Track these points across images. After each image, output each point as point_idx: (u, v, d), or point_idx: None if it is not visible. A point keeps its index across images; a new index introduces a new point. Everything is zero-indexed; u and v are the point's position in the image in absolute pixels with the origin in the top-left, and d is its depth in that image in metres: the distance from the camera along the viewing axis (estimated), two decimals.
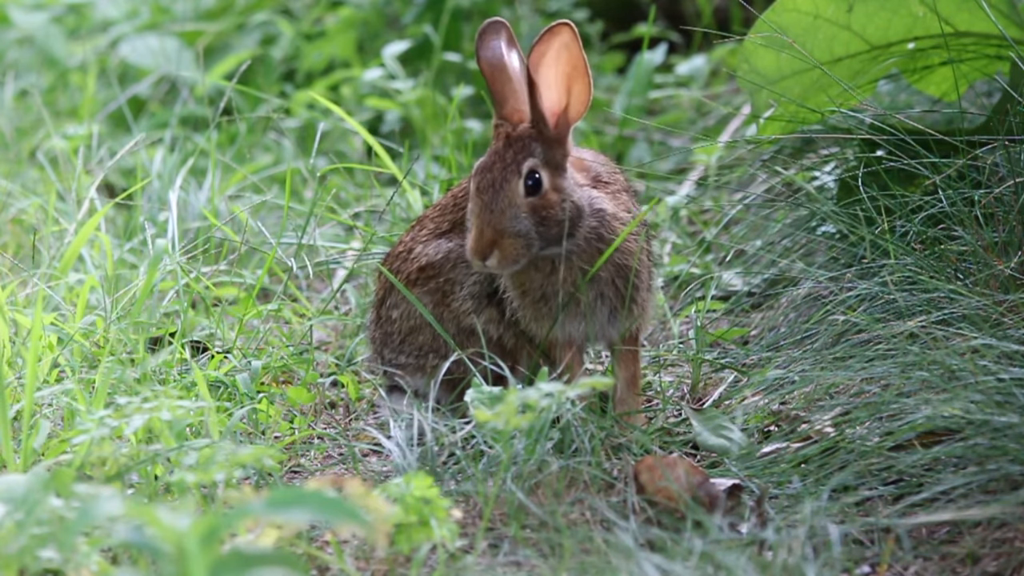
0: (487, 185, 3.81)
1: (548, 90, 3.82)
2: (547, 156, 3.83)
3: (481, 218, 3.79)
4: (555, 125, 3.85)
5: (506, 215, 3.79)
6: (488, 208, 3.79)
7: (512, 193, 3.80)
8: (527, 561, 3.39)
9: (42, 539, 3.09)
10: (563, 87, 3.83)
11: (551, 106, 3.84)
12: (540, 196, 3.82)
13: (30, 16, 7.32)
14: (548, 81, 3.82)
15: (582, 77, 3.82)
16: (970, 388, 3.55)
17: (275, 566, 2.71)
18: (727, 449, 3.86)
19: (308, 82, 6.58)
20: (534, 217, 3.81)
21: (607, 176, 3.99)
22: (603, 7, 6.98)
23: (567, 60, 3.81)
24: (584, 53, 3.81)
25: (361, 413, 4.26)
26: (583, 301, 3.88)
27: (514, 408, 3.44)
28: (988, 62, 4.50)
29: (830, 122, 4.53)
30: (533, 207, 3.81)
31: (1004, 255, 4.06)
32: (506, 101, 3.87)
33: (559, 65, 3.81)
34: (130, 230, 5.08)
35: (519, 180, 3.81)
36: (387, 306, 4.09)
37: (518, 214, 3.80)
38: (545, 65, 3.80)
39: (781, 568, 3.25)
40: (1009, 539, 3.37)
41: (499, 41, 3.88)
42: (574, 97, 3.84)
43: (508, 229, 3.79)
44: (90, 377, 4.00)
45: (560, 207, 3.83)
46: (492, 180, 3.81)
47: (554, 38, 3.79)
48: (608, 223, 3.89)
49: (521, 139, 3.83)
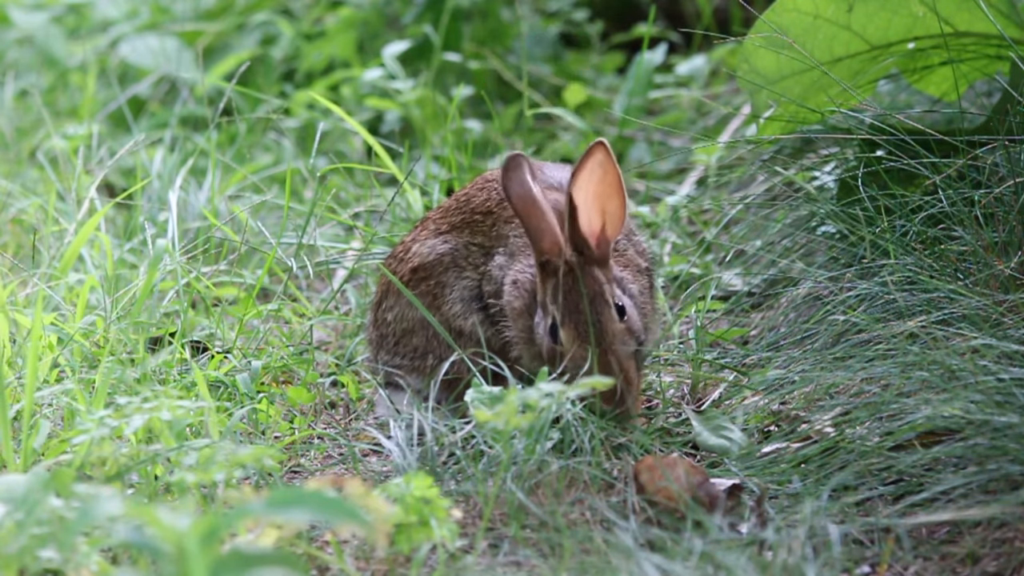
0: (585, 329, 3.75)
1: (585, 213, 3.79)
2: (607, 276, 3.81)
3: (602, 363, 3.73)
4: (597, 246, 3.81)
5: (615, 348, 3.76)
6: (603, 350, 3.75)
7: (612, 323, 3.77)
8: (527, 561, 3.39)
9: (42, 539, 3.09)
10: (597, 208, 3.80)
11: (590, 228, 3.80)
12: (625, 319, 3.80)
13: (30, 16, 7.32)
14: (585, 203, 3.78)
15: (616, 195, 3.79)
16: (970, 388, 3.55)
17: (275, 566, 2.71)
18: (727, 449, 3.86)
19: (308, 82, 6.58)
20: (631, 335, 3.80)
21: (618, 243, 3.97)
22: (603, 7, 6.98)
23: (601, 178, 3.77)
24: (619, 170, 3.79)
25: (361, 413, 4.26)
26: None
27: (514, 408, 3.44)
28: (988, 62, 4.50)
29: (830, 122, 4.53)
30: (625, 331, 3.79)
31: (1004, 255, 4.06)
32: (544, 236, 3.81)
33: (591, 184, 3.78)
34: (130, 230, 5.08)
35: (611, 310, 3.78)
36: (383, 308, 4.10)
37: (624, 339, 3.78)
38: (579, 186, 3.77)
39: (781, 568, 3.25)
40: (1009, 539, 3.37)
41: (524, 175, 3.82)
42: (609, 216, 3.81)
43: (623, 355, 3.77)
44: (90, 377, 4.00)
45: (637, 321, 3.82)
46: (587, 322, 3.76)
47: (590, 158, 3.75)
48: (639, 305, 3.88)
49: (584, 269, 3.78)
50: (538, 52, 6.61)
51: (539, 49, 6.64)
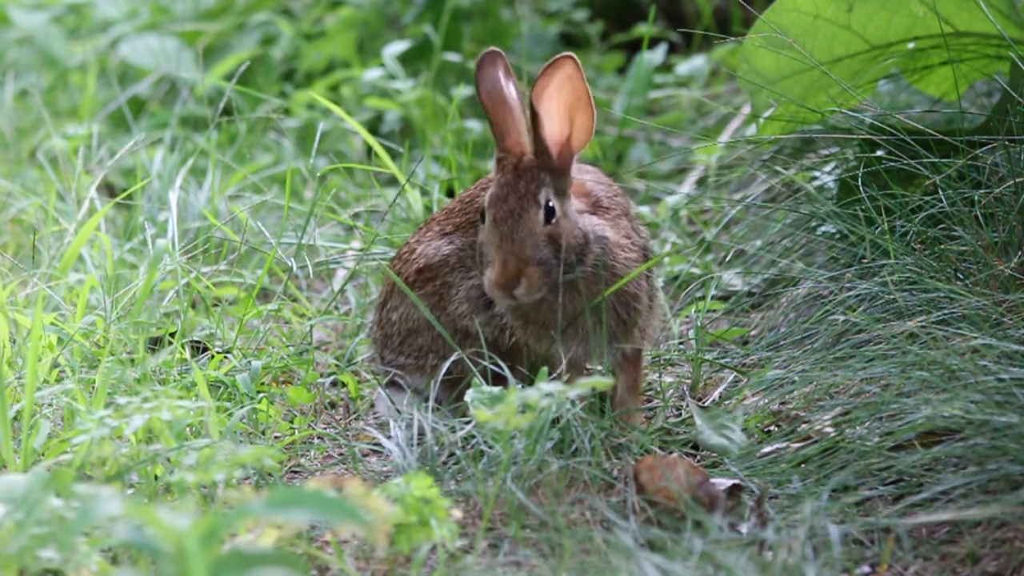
0: (505, 216, 3.80)
1: (551, 121, 3.83)
2: (556, 185, 3.84)
3: (503, 249, 3.79)
4: (559, 155, 3.85)
5: (528, 244, 3.79)
6: (509, 238, 3.79)
7: (532, 222, 3.80)
8: (527, 561, 3.39)
9: (42, 539, 3.09)
10: (566, 118, 3.84)
11: (554, 137, 3.84)
12: (555, 225, 3.82)
13: (30, 16, 7.32)
14: (551, 112, 3.82)
15: (585, 108, 3.83)
16: (970, 388, 3.55)
17: (275, 566, 2.71)
18: (727, 449, 3.86)
19: (308, 82, 6.58)
20: (552, 246, 3.81)
21: (607, 201, 4.00)
22: (603, 7, 6.98)
23: (570, 91, 3.82)
24: (587, 85, 3.82)
25: (361, 413, 4.26)
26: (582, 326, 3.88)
27: (514, 408, 3.44)
28: (988, 62, 4.50)
29: (830, 122, 4.53)
30: (551, 235, 3.81)
31: (1004, 255, 4.06)
32: (508, 134, 3.88)
33: (562, 96, 3.82)
34: (130, 230, 5.08)
35: (537, 209, 3.81)
36: (387, 308, 4.10)
37: (538, 243, 3.80)
38: (548, 97, 3.81)
39: (781, 568, 3.25)
40: (1009, 539, 3.37)
41: (497, 72, 3.90)
42: (577, 128, 3.85)
43: (532, 258, 3.79)
44: (90, 377, 4.00)
45: (571, 235, 3.83)
46: (510, 210, 3.80)
47: (557, 70, 3.80)
48: (611, 251, 3.90)
49: (530, 169, 3.83)
50: (538, 52, 6.61)
51: (539, 49, 6.64)
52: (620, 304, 3.91)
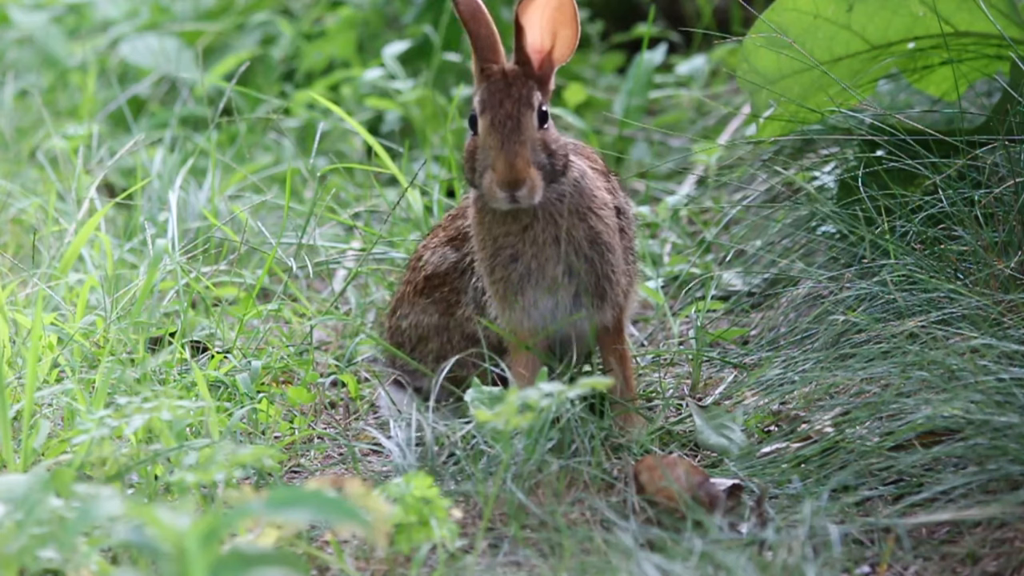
0: (504, 118, 3.80)
1: (533, 31, 3.85)
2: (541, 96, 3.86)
3: (507, 150, 3.77)
4: (540, 66, 3.87)
5: (528, 147, 3.79)
6: (511, 139, 3.78)
7: (529, 126, 3.80)
8: (527, 561, 3.39)
9: (42, 539, 3.09)
10: (549, 30, 3.85)
11: (536, 47, 3.86)
12: (546, 131, 3.83)
13: (30, 16, 7.32)
14: (534, 23, 3.84)
15: (569, 22, 3.85)
16: (970, 388, 3.55)
17: (275, 566, 2.71)
18: (727, 449, 3.86)
19: (308, 82, 6.58)
20: (546, 151, 3.82)
21: (586, 151, 4.01)
22: (603, 7, 6.98)
23: (557, 5, 3.84)
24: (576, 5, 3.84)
25: (361, 413, 4.26)
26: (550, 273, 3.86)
27: (514, 408, 3.44)
28: (988, 62, 4.50)
29: (830, 122, 4.52)
30: (544, 140, 3.82)
31: (1004, 255, 4.06)
32: (487, 44, 3.88)
33: (547, 10, 3.84)
34: (130, 230, 5.08)
35: (532, 112, 3.82)
36: (397, 316, 4.11)
37: (536, 147, 3.81)
38: (533, 8, 3.83)
39: (781, 568, 3.25)
40: (1009, 539, 3.37)
41: None
42: (560, 40, 3.87)
43: (534, 160, 3.79)
44: (90, 377, 4.00)
45: (557, 143, 3.84)
46: (507, 113, 3.80)
47: None
48: (587, 181, 3.89)
49: (519, 77, 3.85)
50: None
51: None
52: (594, 248, 3.89)
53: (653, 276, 4.82)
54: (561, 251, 3.85)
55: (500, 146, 3.78)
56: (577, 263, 3.87)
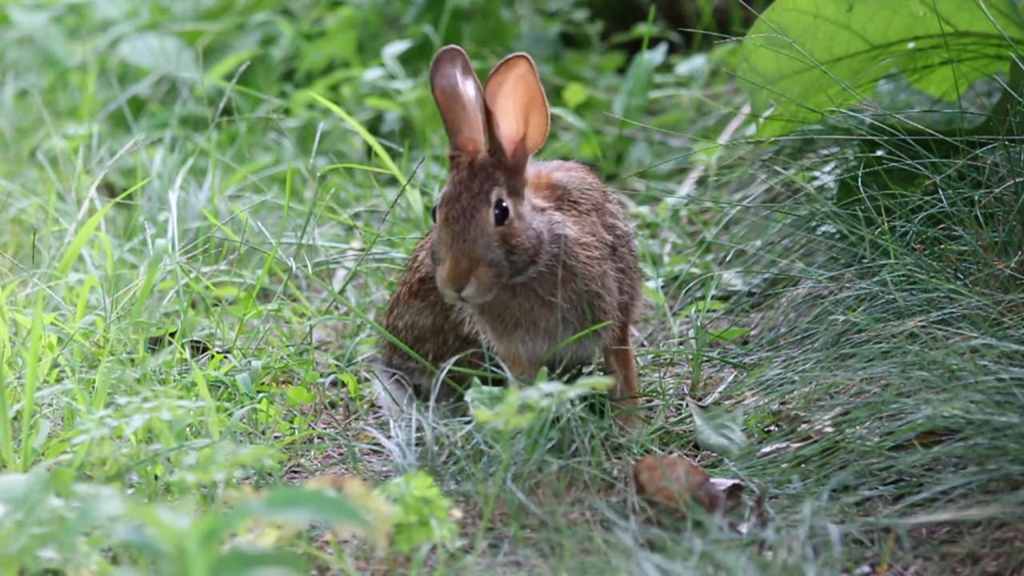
0: (457, 215, 3.78)
1: (506, 119, 3.81)
2: (509, 185, 3.82)
3: (455, 248, 3.77)
4: (513, 154, 3.83)
5: (479, 244, 3.77)
6: (461, 237, 3.77)
7: (483, 222, 3.78)
8: (527, 561, 3.39)
9: (42, 539, 3.09)
10: (521, 117, 3.82)
11: (509, 135, 3.82)
12: (507, 225, 3.80)
13: (30, 16, 7.32)
14: (506, 111, 3.80)
15: (540, 108, 3.81)
16: (970, 388, 3.55)
17: (275, 566, 2.71)
18: (727, 449, 3.86)
19: (308, 82, 6.58)
20: (504, 246, 3.79)
21: (577, 194, 3.97)
22: (603, 7, 6.98)
23: (524, 91, 3.80)
24: (540, 85, 3.80)
25: (361, 413, 4.26)
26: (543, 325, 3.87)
27: (514, 408, 3.44)
28: (988, 62, 4.50)
29: (830, 122, 4.52)
30: (503, 236, 3.79)
31: (1004, 255, 4.06)
32: (460, 130, 3.85)
33: (516, 95, 3.80)
34: (130, 230, 5.08)
35: (489, 209, 3.79)
36: (394, 316, 4.11)
37: (490, 243, 3.77)
38: (503, 95, 3.79)
39: (781, 568, 3.25)
40: (1009, 539, 3.36)
41: (454, 70, 3.86)
42: (531, 127, 3.83)
43: (482, 258, 3.77)
44: (90, 377, 4.00)
45: (524, 235, 3.81)
46: (462, 209, 3.78)
47: (511, 70, 3.78)
48: (570, 249, 3.87)
49: (484, 168, 3.81)
50: (538, 52, 6.61)
51: (539, 49, 6.64)
52: (582, 300, 3.88)
53: (653, 276, 4.82)
54: (552, 308, 3.86)
55: (450, 243, 3.77)
56: (569, 312, 3.88)
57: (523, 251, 3.81)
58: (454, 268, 3.76)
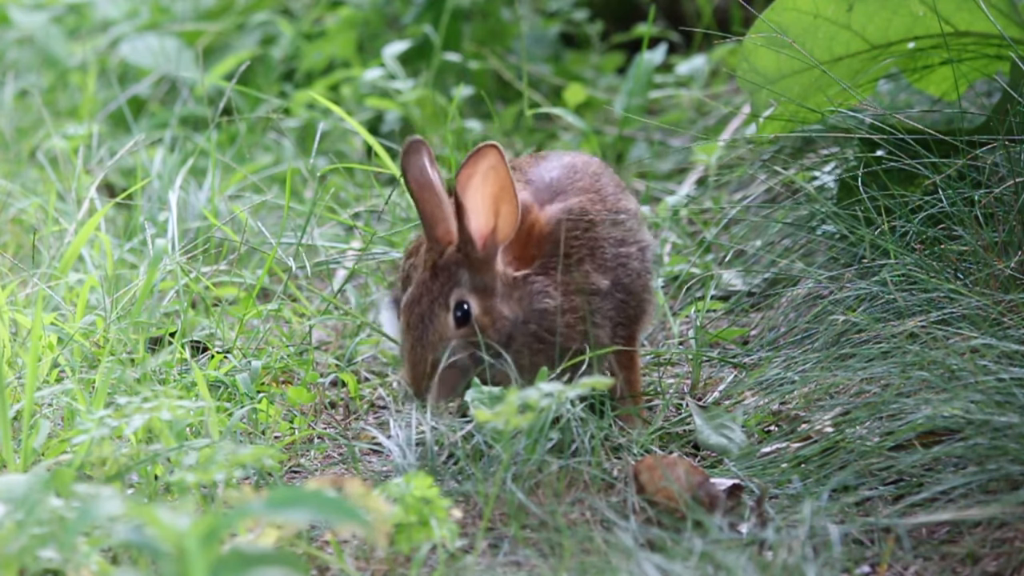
0: (416, 321, 3.77)
1: (475, 214, 3.76)
2: (475, 282, 3.79)
3: (414, 354, 3.76)
4: (483, 247, 3.79)
5: (438, 349, 3.76)
6: (420, 343, 3.76)
7: (442, 328, 3.77)
8: (527, 561, 3.39)
9: (42, 539, 3.09)
10: (491, 210, 3.78)
11: (479, 228, 3.78)
12: (470, 326, 3.78)
13: (30, 16, 7.32)
14: (476, 205, 3.76)
15: (510, 198, 3.76)
16: (970, 388, 3.55)
17: (275, 566, 2.71)
18: (727, 449, 3.86)
19: (308, 82, 6.58)
20: (468, 347, 3.78)
21: (569, 243, 3.90)
22: (603, 7, 6.98)
23: (494, 182, 3.75)
24: (511, 174, 3.76)
25: (361, 413, 4.26)
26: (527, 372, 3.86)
27: (514, 408, 3.44)
28: (988, 62, 4.50)
29: (830, 122, 4.52)
30: (464, 336, 3.78)
31: (1004, 255, 4.06)
32: (438, 223, 3.81)
33: (486, 188, 3.76)
34: (130, 230, 5.07)
35: (447, 314, 3.77)
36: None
37: (449, 347, 3.77)
38: (472, 188, 3.75)
39: (781, 568, 3.25)
40: (1009, 539, 3.36)
41: (423, 160, 3.81)
42: (502, 219, 3.78)
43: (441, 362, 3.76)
44: (90, 377, 4.00)
45: (493, 329, 3.79)
46: (421, 315, 3.77)
47: (481, 160, 3.74)
48: (548, 321, 3.83)
49: (447, 268, 3.78)
50: (538, 52, 6.61)
51: (539, 49, 6.64)
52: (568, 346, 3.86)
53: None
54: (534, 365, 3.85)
55: (410, 349, 3.77)
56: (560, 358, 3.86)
57: (494, 340, 3.79)
58: (413, 374, 3.76)
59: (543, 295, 3.85)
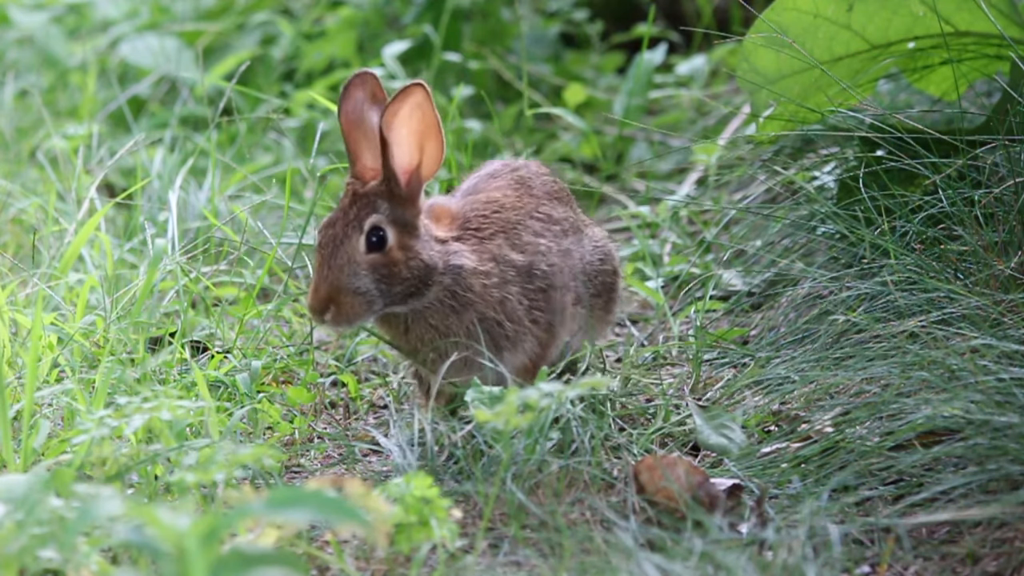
0: (328, 241, 3.78)
1: (400, 148, 3.79)
2: (395, 214, 3.80)
3: (319, 274, 3.77)
4: (407, 183, 3.81)
5: (344, 271, 3.76)
6: (327, 264, 3.77)
7: (352, 249, 3.77)
8: (527, 561, 3.39)
9: (42, 539, 3.09)
10: (416, 146, 3.80)
11: (403, 164, 3.80)
12: (383, 254, 3.79)
13: (30, 16, 7.32)
14: (400, 139, 3.78)
15: (435, 136, 3.80)
16: (970, 388, 3.55)
17: (275, 566, 2.71)
18: (727, 448, 3.86)
19: (308, 82, 6.58)
20: (375, 274, 3.78)
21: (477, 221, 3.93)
22: (603, 7, 6.98)
23: (420, 119, 3.78)
24: (437, 113, 3.79)
25: (361, 413, 4.26)
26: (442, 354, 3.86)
27: (514, 408, 3.44)
28: (988, 62, 4.50)
29: (830, 122, 4.52)
30: (374, 264, 3.78)
31: (1004, 255, 4.06)
32: (359, 158, 3.84)
33: (412, 124, 3.78)
34: (130, 230, 5.08)
35: (360, 236, 3.78)
36: None
37: (357, 271, 3.77)
38: (398, 124, 3.77)
39: (781, 568, 3.25)
40: (1009, 539, 3.37)
41: (362, 95, 3.84)
42: (427, 156, 3.81)
43: (346, 286, 3.76)
44: (90, 377, 4.00)
45: (406, 265, 3.80)
46: (333, 236, 3.78)
47: (408, 98, 3.76)
48: (464, 279, 3.85)
49: (368, 196, 3.80)
50: (538, 52, 6.61)
51: (539, 49, 6.64)
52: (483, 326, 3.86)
53: (653, 276, 4.82)
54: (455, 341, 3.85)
55: (317, 268, 3.78)
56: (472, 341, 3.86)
57: (402, 281, 3.79)
58: (314, 294, 3.77)
59: (460, 254, 3.87)
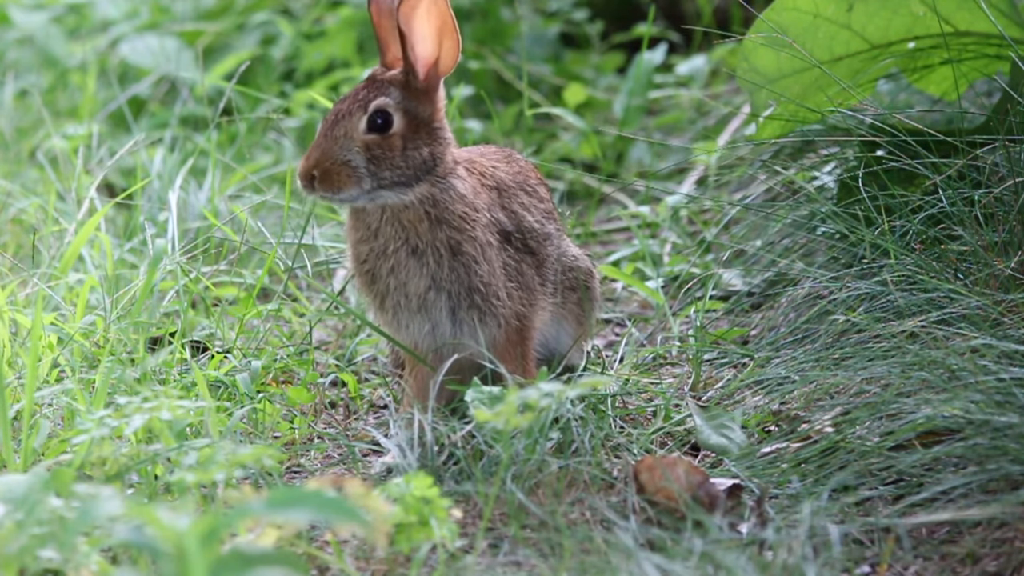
0: (332, 116, 3.85)
1: (421, 42, 3.86)
2: (407, 104, 3.86)
3: (315, 143, 3.84)
4: (425, 76, 3.87)
5: (339, 143, 3.82)
6: (324, 135, 3.84)
7: (351, 127, 3.83)
8: (527, 561, 3.39)
9: (42, 539, 3.09)
10: (435, 40, 3.87)
11: (423, 57, 3.87)
12: (383, 136, 3.84)
13: (30, 16, 7.32)
14: (421, 33, 3.85)
15: (451, 33, 3.86)
16: (970, 388, 3.55)
17: (275, 566, 2.71)
18: (727, 449, 3.86)
19: (308, 82, 6.58)
20: (368, 154, 3.82)
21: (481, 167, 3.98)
22: (603, 7, 6.98)
23: (436, 16, 3.85)
24: (451, 10, 3.85)
25: (361, 413, 4.26)
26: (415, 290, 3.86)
27: (514, 408, 3.44)
28: (988, 62, 4.50)
29: (830, 122, 4.52)
30: (369, 144, 3.83)
31: (1004, 255, 4.06)
32: (388, 49, 3.93)
33: (430, 19, 3.84)
34: (130, 230, 5.08)
35: (363, 116, 3.83)
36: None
37: (351, 146, 3.82)
38: (417, 18, 3.83)
39: (781, 568, 3.25)
40: (1009, 539, 3.37)
41: None
42: (444, 51, 3.87)
43: (337, 157, 3.81)
44: (90, 377, 4.00)
45: (403, 154, 3.84)
46: (338, 111, 3.85)
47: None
48: (448, 197, 3.87)
49: (382, 82, 3.88)
50: (538, 52, 6.61)
51: (539, 49, 6.64)
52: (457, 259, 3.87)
53: (653, 276, 4.82)
54: (422, 264, 3.85)
55: (314, 139, 3.85)
56: (439, 273, 3.86)
57: (394, 167, 3.83)
58: (305, 160, 3.83)
59: (457, 175, 3.90)
